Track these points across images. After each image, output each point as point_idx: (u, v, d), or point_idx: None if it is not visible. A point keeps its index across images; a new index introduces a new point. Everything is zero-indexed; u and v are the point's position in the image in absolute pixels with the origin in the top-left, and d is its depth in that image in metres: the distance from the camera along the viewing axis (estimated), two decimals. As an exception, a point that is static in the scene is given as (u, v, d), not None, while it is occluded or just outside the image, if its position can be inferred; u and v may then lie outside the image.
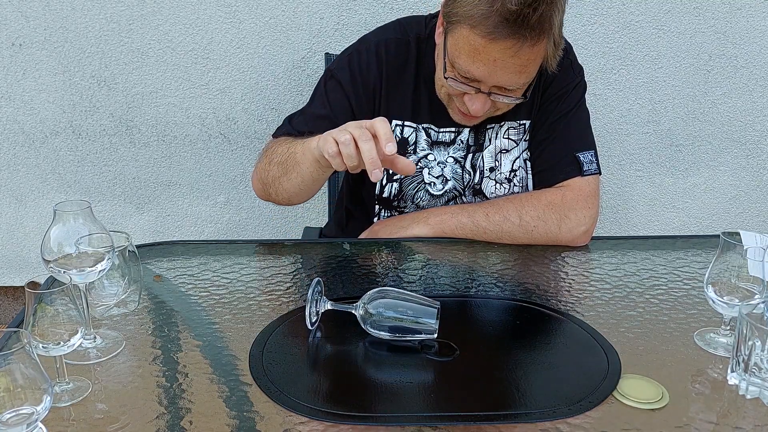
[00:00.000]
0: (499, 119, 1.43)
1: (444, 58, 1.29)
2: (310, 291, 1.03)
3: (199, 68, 2.01)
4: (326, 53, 1.83)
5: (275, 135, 1.45)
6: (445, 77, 1.30)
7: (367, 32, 1.49)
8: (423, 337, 1.01)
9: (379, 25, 1.50)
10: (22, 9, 1.94)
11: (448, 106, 1.39)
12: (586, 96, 1.48)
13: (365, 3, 1.96)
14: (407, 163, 1.12)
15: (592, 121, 1.48)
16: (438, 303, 1.02)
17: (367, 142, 1.06)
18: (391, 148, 1.05)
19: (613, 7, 2.00)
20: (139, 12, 1.94)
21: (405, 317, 1.00)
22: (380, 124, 1.07)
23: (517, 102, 1.32)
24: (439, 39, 1.34)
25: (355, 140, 1.07)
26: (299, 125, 1.43)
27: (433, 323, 1.00)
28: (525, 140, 1.45)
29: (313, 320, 1.04)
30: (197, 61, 2.00)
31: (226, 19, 1.96)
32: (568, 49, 1.45)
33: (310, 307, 1.03)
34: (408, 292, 1.04)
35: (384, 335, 1.01)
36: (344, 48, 1.51)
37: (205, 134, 2.09)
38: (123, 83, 2.02)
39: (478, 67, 1.23)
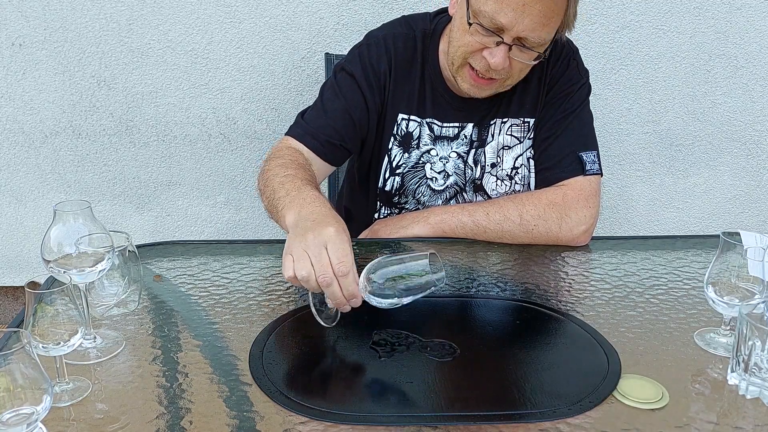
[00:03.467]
0: (502, 115, 1.44)
1: (467, 9, 1.28)
2: (311, 296, 1.02)
3: (199, 68, 2.01)
4: (326, 53, 1.83)
5: (288, 134, 1.42)
6: (469, 23, 1.28)
7: (371, 29, 1.49)
8: (434, 290, 1.00)
9: (385, 22, 1.50)
10: (22, 9, 1.94)
11: (457, 75, 1.36)
12: (587, 96, 1.48)
13: (365, 3, 1.96)
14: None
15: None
16: (430, 251, 1.01)
17: (330, 285, 0.99)
18: (355, 303, 1.01)
19: (613, 7, 2.00)
20: (139, 12, 1.94)
21: (408, 275, 1.00)
22: (344, 270, 0.99)
23: (531, 63, 1.31)
24: None
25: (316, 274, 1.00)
26: (314, 120, 1.41)
27: (438, 273, 1.00)
28: (529, 138, 1.45)
29: (330, 314, 1.04)
30: (197, 61, 2.00)
31: (226, 19, 1.96)
32: (574, 51, 1.46)
33: (317, 303, 1.02)
34: (399, 255, 1.04)
35: (396, 300, 1.01)
36: (345, 48, 1.52)
37: (205, 134, 2.09)
38: (123, 83, 2.02)
39: (505, 12, 1.22)
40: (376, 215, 1.52)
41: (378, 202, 1.51)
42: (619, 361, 0.98)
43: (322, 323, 1.03)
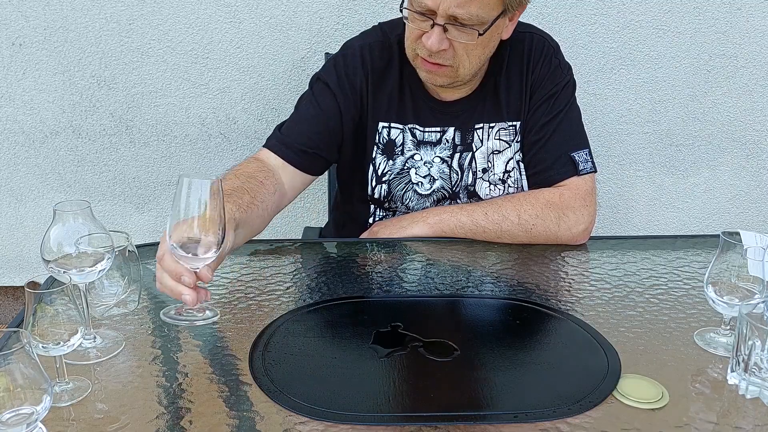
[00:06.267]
0: (489, 119, 1.43)
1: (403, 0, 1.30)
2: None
3: (199, 68, 2.01)
4: (326, 53, 1.83)
5: (264, 145, 1.43)
6: (401, 9, 1.29)
7: (349, 39, 1.48)
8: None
9: (361, 31, 1.49)
10: (22, 9, 1.94)
11: (417, 67, 1.37)
12: (585, 95, 1.48)
13: (365, 3, 1.96)
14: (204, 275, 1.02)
15: (593, 121, 1.49)
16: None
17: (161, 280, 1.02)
18: (186, 280, 0.99)
19: (613, 7, 2.00)
20: (139, 12, 1.94)
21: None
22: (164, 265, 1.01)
23: (471, 42, 1.28)
24: None
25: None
26: (289, 130, 1.42)
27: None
28: (517, 141, 1.45)
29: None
30: (197, 61, 2.00)
31: (226, 19, 1.96)
32: (555, 49, 1.45)
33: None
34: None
35: None
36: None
37: (205, 134, 2.09)
38: (123, 83, 2.02)
39: None
40: (371, 219, 1.51)
41: (372, 206, 1.50)
42: (618, 361, 0.98)
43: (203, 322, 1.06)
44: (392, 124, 1.44)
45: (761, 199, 2.26)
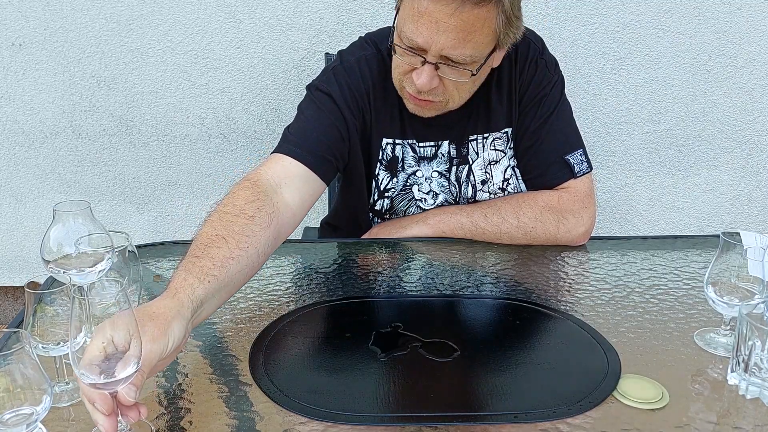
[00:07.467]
0: (483, 130, 1.40)
1: (393, 31, 1.25)
2: None
3: (199, 68, 2.01)
4: (326, 53, 1.83)
5: (279, 151, 1.29)
6: (389, 45, 1.25)
7: (344, 48, 1.42)
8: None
9: (351, 43, 1.43)
10: (22, 9, 1.94)
11: (404, 98, 1.33)
12: (585, 95, 1.47)
13: (365, 3, 1.96)
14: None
15: (593, 121, 1.47)
16: None
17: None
18: (101, 406, 0.78)
19: (613, 7, 2.00)
20: (139, 12, 1.94)
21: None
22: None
23: (464, 81, 1.25)
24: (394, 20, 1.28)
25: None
26: (304, 137, 1.30)
27: None
28: (510, 148, 1.42)
29: None
30: (197, 61, 2.00)
31: (226, 19, 1.96)
32: (540, 48, 1.40)
33: None
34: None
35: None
36: (326, 63, 1.44)
37: (205, 134, 2.09)
38: (123, 83, 2.02)
39: (421, 31, 1.18)
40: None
41: (370, 214, 1.48)
42: (618, 361, 0.98)
43: None
44: (396, 140, 1.39)
45: (761, 199, 2.26)
